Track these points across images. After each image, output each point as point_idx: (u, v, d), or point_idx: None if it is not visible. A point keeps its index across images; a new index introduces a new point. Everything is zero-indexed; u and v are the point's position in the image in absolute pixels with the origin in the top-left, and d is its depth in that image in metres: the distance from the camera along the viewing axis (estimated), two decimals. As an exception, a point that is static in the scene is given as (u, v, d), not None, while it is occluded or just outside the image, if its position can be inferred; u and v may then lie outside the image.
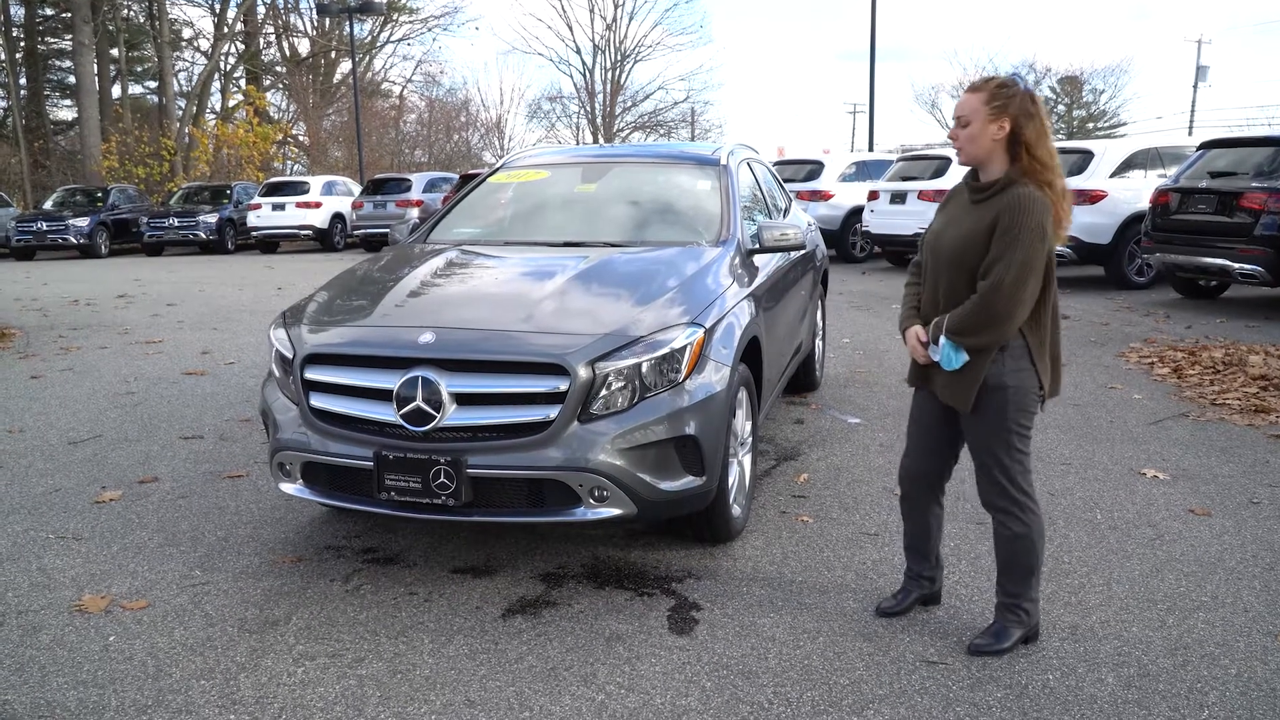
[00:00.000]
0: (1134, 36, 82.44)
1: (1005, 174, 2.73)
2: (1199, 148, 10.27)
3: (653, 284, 3.70)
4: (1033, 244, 2.64)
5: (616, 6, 48.16)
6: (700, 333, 3.41)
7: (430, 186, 22.37)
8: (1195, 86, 44.75)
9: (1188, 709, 2.62)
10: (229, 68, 41.44)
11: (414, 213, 20.11)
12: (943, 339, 2.77)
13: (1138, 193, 10.87)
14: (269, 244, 22.97)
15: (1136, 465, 4.73)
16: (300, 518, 4.16)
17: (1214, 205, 9.32)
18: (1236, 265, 9.04)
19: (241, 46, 41.28)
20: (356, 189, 24.13)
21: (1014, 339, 2.73)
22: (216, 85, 40.94)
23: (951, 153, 14.65)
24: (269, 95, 41.56)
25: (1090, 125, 46.63)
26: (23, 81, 37.46)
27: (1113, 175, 11.21)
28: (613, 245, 4.33)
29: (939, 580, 3.23)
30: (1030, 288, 2.67)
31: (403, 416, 3.18)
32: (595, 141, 45.95)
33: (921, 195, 13.47)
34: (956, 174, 13.48)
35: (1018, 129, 2.69)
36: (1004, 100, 2.70)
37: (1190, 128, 41.48)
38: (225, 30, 39.30)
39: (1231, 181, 9.28)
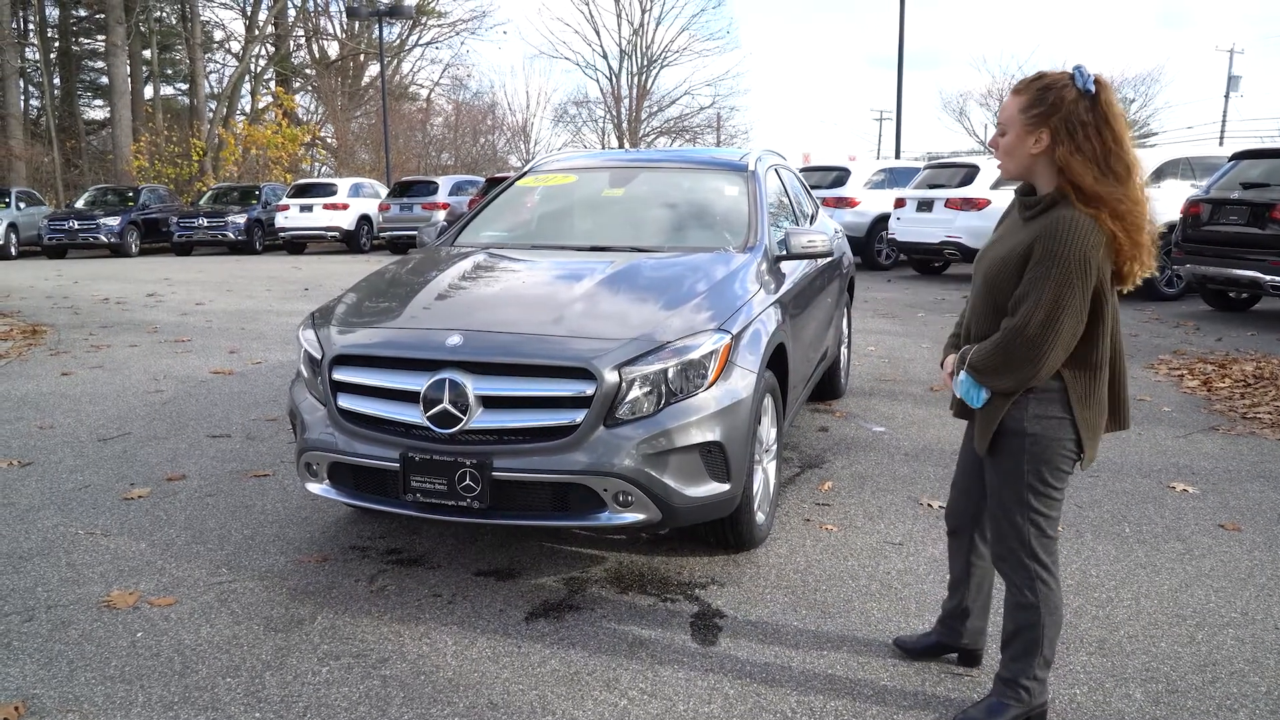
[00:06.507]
0: (1165, 45, 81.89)
1: (1054, 190, 2.28)
2: (1231, 158, 10.17)
3: (680, 289, 3.70)
4: (1069, 280, 2.18)
5: (644, 11, 48.34)
6: (727, 339, 3.40)
7: (456, 189, 22.53)
8: (1227, 96, 44.34)
9: (1218, 727, 2.59)
10: (259, 70, 42.01)
11: (440, 215, 20.23)
12: (962, 374, 2.40)
13: (1168, 204, 10.77)
14: (296, 245, 23.23)
15: (1166, 478, 4.68)
16: (326, 518, 4.19)
17: (1246, 217, 9.22)
18: (1268, 278, 8.94)
19: (272, 49, 41.79)
20: (383, 191, 24.33)
21: (1049, 381, 2.32)
22: (246, 87, 41.47)
23: (979, 160, 14.65)
24: (298, 97, 42.00)
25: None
26: (56, 81, 38.04)
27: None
28: (640, 250, 4.33)
29: (968, 636, 2.85)
30: (1066, 331, 2.21)
31: (429, 418, 3.19)
32: (621, 146, 46.04)
33: (948, 203, 13.39)
34: (984, 182, 13.41)
35: (1055, 143, 2.24)
36: (1044, 108, 2.24)
37: (1221, 138, 41.07)
38: (256, 33, 39.80)
39: (1264, 193, 9.18)
